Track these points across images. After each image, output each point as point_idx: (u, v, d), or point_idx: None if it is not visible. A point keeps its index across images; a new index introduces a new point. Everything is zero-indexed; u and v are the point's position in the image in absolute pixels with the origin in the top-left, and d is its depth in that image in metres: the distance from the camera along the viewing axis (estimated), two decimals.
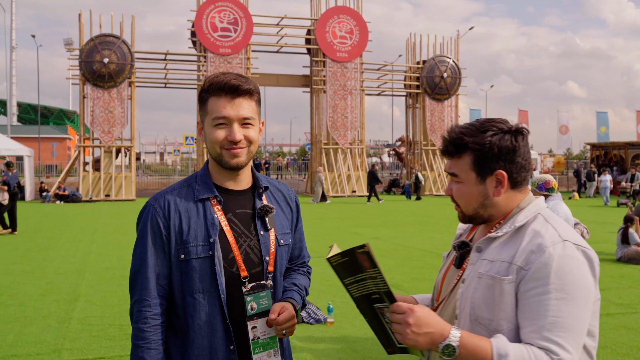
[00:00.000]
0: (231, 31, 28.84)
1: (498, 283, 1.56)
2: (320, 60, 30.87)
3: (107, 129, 27.33)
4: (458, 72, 33.47)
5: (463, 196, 1.70)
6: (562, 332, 1.47)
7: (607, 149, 36.39)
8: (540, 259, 1.52)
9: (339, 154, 31.15)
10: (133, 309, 1.89)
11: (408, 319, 1.50)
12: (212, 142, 1.91)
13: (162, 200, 1.93)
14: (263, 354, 1.92)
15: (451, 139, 1.69)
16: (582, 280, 1.52)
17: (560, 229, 1.59)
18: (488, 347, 1.48)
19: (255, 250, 1.95)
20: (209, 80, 1.91)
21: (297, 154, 79.26)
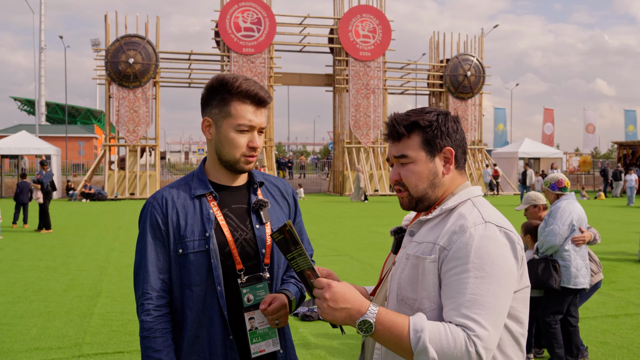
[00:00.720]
0: (254, 31, 29.00)
1: (421, 262, 1.60)
2: (343, 59, 30.88)
3: (132, 128, 27.70)
4: (482, 71, 33.21)
5: (413, 176, 1.70)
6: (480, 310, 1.48)
7: (635, 148, 35.76)
8: (461, 239, 1.55)
9: (361, 153, 31.13)
10: (137, 302, 1.97)
11: (325, 293, 1.53)
12: (234, 147, 1.96)
13: (160, 197, 2.00)
14: (261, 344, 1.97)
15: (400, 120, 1.71)
16: (502, 260, 1.54)
17: (485, 212, 1.61)
18: (405, 323, 1.49)
19: (251, 244, 2.01)
20: (235, 84, 1.94)
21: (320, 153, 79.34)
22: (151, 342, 1.90)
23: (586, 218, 4.95)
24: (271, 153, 30.49)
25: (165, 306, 1.95)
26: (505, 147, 38.43)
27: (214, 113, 2.00)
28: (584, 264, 4.85)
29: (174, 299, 1.97)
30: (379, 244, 12.24)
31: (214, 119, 2.00)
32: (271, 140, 30.45)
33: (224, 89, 1.96)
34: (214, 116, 2.00)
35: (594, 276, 5.16)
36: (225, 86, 1.95)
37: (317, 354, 5.37)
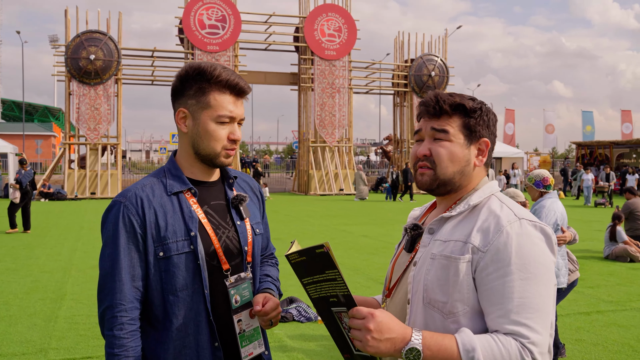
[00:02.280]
0: (219, 28, 28.68)
1: (453, 263, 1.49)
2: (309, 58, 30.79)
3: (93, 126, 27.08)
4: (446, 71, 33.54)
5: (447, 155, 1.59)
6: (530, 313, 1.41)
7: (593, 148, 36.66)
8: (498, 240, 1.46)
9: (326, 152, 31.09)
10: (105, 315, 1.74)
11: (369, 324, 1.40)
12: (214, 139, 1.82)
13: (133, 196, 1.80)
14: (249, 347, 1.87)
15: (446, 99, 1.62)
16: (543, 257, 1.47)
17: (515, 209, 1.54)
18: (453, 344, 1.40)
19: (234, 241, 1.89)
20: (215, 73, 1.81)
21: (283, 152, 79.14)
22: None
23: (567, 217, 4.96)
24: (235, 152, 30.16)
25: (138, 319, 1.77)
26: None
27: (190, 104, 1.84)
28: (564, 263, 4.86)
29: (155, 306, 1.79)
30: (348, 243, 12.18)
31: (190, 110, 1.84)
32: None
33: (202, 78, 1.81)
34: (191, 107, 1.84)
35: (571, 274, 5.18)
36: (204, 75, 1.81)
37: (294, 356, 5.25)
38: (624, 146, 36.12)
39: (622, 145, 36.16)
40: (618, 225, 10.45)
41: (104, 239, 1.81)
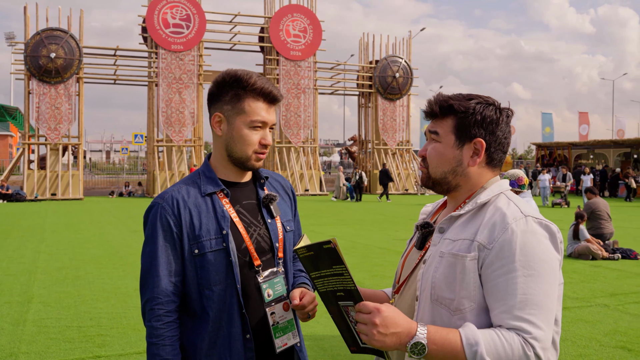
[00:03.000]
0: (183, 27, 28.43)
1: (460, 260, 1.53)
2: (274, 58, 30.76)
3: (53, 126, 26.52)
4: (410, 72, 33.90)
5: (437, 156, 1.66)
6: (533, 310, 1.44)
7: (552, 149, 37.53)
8: (503, 236, 1.49)
9: (292, 152, 31.09)
10: (145, 307, 1.89)
11: (375, 319, 1.44)
12: (247, 144, 1.93)
13: (170, 198, 1.93)
14: (283, 337, 1.96)
15: (437, 100, 1.68)
16: (547, 254, 1.50)
17: (522, 206, 1.57)
18: (457, 339, 1.43)
19: (265, 238, 1.99)
20: (250, 81, 1.90)
21: None
22: (160, 349, 1.85)
23: None
24: (200, 152, 29.97)
25: (175, 311, 1.90)
26: None
27: (225, 109, 1.94)
28: None
29: (192, 300, 1.91)
30: None
31: (225, 115, 1.95)
32: (200, 140, 29.92)
33: (238, 85, 1.91)
34: (226, 112, 1.94)
35: None
36: (240, 82, 1.91)
37: None
38: (581, 147, 37.08)
39: (580, 147, 37.11)
40: (581, 224, 10.73)
41: (145, 238, 1.95)
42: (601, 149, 35.78)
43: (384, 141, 33.60)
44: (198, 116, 29.18)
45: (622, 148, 34.71)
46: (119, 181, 38.32)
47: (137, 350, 5.28)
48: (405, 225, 16.10)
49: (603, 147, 35.69)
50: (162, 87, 28.27)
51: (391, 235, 13.71)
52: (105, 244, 12.09)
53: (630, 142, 34.43)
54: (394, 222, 16.94)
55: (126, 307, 6.78)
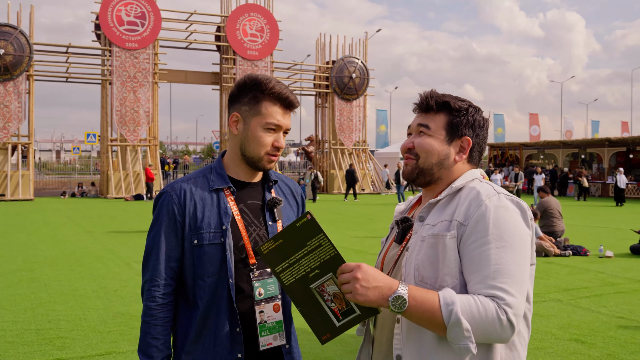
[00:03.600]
0: (138, 25, 27.98)
1: (440, 240, 1.61)
2: (231, 57, 30.58)
3: (2, 124, 25.74)
4: (366, 73, 34.18)
5: (428, 148, 1.74)
6: (506, 278, 1.52)
7: (504, 149, 38.42)
8: (478, 212, 1.59)
9: None
10: (144, 287, 2.00)
11: (357, 274, 1.52)
12: (260, 144, 2.00)
13: (178, 188, 2.02)
14: (269, 337, 2.00)
15: (434, 96, 1.77)
16: (518, 228, 1.59)
17: (494, 185, 1.69)
18: (435, 298, 1.51)
19: (263, 239, 2.04)
20: (269, 86, 1.98)
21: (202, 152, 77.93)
22: (151, 328, 1.94)
23: None
24: (155, 152, 29.56)
25: (170, 294, 1.98)
26: (387, 148, 39.87)
27: (243, 110, 2.03)
28: None
29: (187, 288, 2.00)
30: None
31: (242, 116, 2.03)
32: (155, 139, 29.52)
33: (257, 88, 2.00)
34: (244, 113, 2.03)
35: None
36: (259, 86, 2.00)
37: None
38: (532, 147, 38.07)
39: (530, 147, 38.09)
40: (534, 222, 11.04)
41: (152, 222, 2.04)
42: (551, 150, 36.82)
43: (341, 141, 33.80)
44: (153, 115, 28.77)
45: (570, 148, 35.79)
46: (70, 181, 37.41)
47: (99, 352, 5.21)
48: (362, 224, 16.25)
49: (553, 147, 36.74)
50: (116, 85, 27.76)
51: (349, 234, 13.82)
52: (60, 245, 11.83)
53: (578, 143, 35.54)
54: (351, 222, 17.07)
55: (85, 309, 6.67)
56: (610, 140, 32.82)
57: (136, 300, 7.13)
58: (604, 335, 5.73)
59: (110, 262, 9.90)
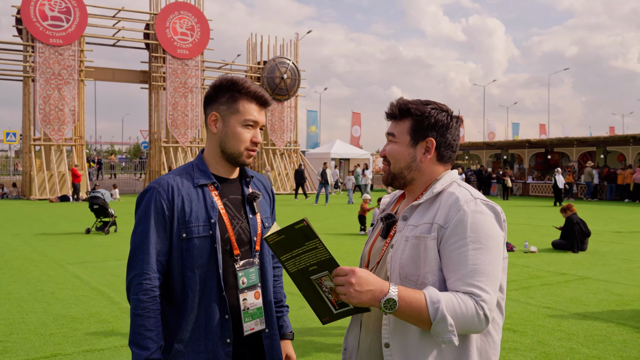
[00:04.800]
0: (63, 21, 27.06)
1: (422, 241, 1.76)
2: (160, 56, 30.06)
3: None
4: (297, 74, 34.39)
5: (395, 154, 1.91)
6: (482, 277, 1.69)
7: None
8: (457, 216, 1.74)
9: (179, 152, 30.55)
10: (132, 282, 2.02)
11: (351, 279, 1.65)
12: (239, 140, 2.12)
13: (165, 184, 2.09)
14: (251, 323, 2.12)
15: (398, 104, 1.92)
16: (493, 231, 1.75)
17: (472, 191, 1.83)
18: (422, 297, 1.66)
19: (245, 231, 2.16)
20: (245, 85, 2.11)
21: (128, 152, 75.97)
22: (144, 320, 1.99)
23: None
24: (82, 152, 28.67)
25: (158, 287, 2.04)
26: (318, 148, 40.20)
27: (222, 109, 2.14)
28: None
29: (175, 280, 2.07)
30: None
31: (221, 114, 2.14)
32: (82, 139, 28.64)
33: (234, 88, 2.12)
34: (222, 112, 2.14)
35: None
36: (236, 86, 2.12)
37: None
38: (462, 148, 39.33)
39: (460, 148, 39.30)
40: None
41: (138, 218, 2.08)
42: (475, 150, 38.19)
43: (272, 141, 33.85)
44: (79, 114, 27.89)
45: (493, 149, 37.25)
46: None
47: (44, 355, 5.12)
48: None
49: (477, 148, 38.12)
50: (40, 82, 26.73)
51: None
52: None
53: (501, 144, 37.07)
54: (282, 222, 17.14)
55: (23, 313, 6.50)
56: (530, 142, 34.40)
57: (75, 302, 7.00)
58: (533, 324, 6.12)
59: (42, 264, 9.62)
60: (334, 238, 13.33)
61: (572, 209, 11.78)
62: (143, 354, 1.96)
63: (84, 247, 11.72)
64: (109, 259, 10.21)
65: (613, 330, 5.91)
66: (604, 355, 5.15)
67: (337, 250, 11.40)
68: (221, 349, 2.04)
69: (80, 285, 7.98)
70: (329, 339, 5.62)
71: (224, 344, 2.05)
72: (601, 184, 28.80)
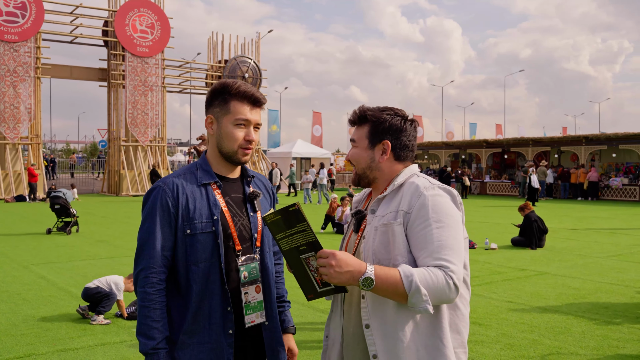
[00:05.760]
0: (18, 16, 26.44)
1: (390, 228, 1.96)
2: (119, 54, 29.64)
3: None
4: (259, 73, 34.36)
5: (357, 157, 2.13)
6: (447, 250, 1.87)
7: None
8: (419, 201, 1.94)
9: (139, 151, 30.18)
10: (140, 275, 2.13)
11: (331, 261, 1.83)
12: (232, 139, 2.22)
13: (171, 183, 2.19)
14: (252, 315, 2.24)
15: (359, 112, 2.14)
16: (451, 210, 1.95)
17: (430, 179, 2.04)
18: (397, 273, 1.84)
19: (246, 228, 2.27)
20: (235, 87, 2.21)
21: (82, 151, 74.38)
22: (151, 312, 2.09)
23: None
24: (38, 151, 28.04)
25: (164, 280, 2.15)
26: (279, 148, 40.22)
27: (215, 111, 2.25)
28: None
29: (179, 275, 2.16)
30: None
31: (215, 117, 2.25)
32: (38, 137, 28.02)
33: (225, 91, 2.23)
34: (216, 114, 2.25)
35: None
36: (226, 88, 2.23)
37: None
38: (417, 148, 39.88)
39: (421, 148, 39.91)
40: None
41: (144, 215, 2.19)
42: (434, 150, 38.80)
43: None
44: (36, 112, 27.26)
45: (452, 149, 37.91)
46: None
47: (17, 355, 5.10)
48: None
49: (436, 148, 38.74)
50: None
51: None
52: None
53: (459, 144, 37.75)
54: None
55: None
56: (487, 142, 35.15)
57: (44, 303, 6.95)
58: (497, 318, 6.37)
59: (5, 265, 9.47)
60: None
61: (529, 207, 12.18)
62: (150, 344, 2.06)
63: (47, 247, 11.55)
64: (75, 259, 10.12)
65: (572, 322, 6.20)
66: (565, 345, 5.42)
67: None
68: (224, 340, 2.14)
69: (47, 286, 7.91)
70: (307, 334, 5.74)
71: (226, 335, 2.15)
72: (555, 182, 29.64)
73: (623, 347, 5.35)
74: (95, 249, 11.41)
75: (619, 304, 7.00)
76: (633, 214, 20.02)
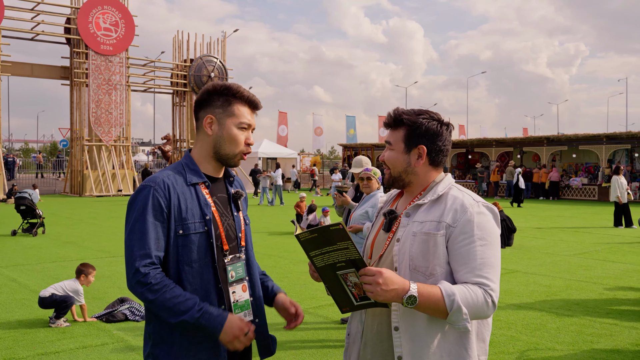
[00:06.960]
0: None
1: (432, 237, 1.98)
2: (83, 52, 29.12)
3: None
4: (225, 73, 34.15)
5: (392, 160, 2.14)
6: (489, 269, 1.94)
7: (357, 150, 40.28)
8: (464, 217, 1.97)
9: (102, 151, 29.69)
10: (137, 275, 2.02)
11: (378, 279, 1.85)
12: (235, 143, 2.23)
13: (162, 182, 2.14)
14: (241, 314, 2.24)
15: (394, 115, 2.15)
16: (494, 229, 2.01)
17: (473, 195, 2.07)
18: (438, 291, 1.88)
19: (232, 228, 2.28)
20: (239, 90, 2.23)
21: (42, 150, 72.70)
22: (167, 293, 2.02)
23: None
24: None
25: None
26: None
27: (217, 112, 2.24)
28: None
29: (170, 276, 2.11)
30: None
31: (217, 117, 2.24)
32: None
33: (228, 93, 2.24)
34: (218, 115, 2.24)
35: None
36: (230, 90, 2.24)
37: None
38: (383, 148, 40.27)
39: (381, 148, 40.26)
40: None
41: (134, 215, 2.10)
42: None
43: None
44: None
45: None
46: None
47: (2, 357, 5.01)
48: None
49: None
50: None
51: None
52: None
53: None
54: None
55: None
56: (452, 142, 35.64)
57: (18, 306, 6.81)
58: None
59: None
60: (272, 238, 13.46)
61: (498, 206, 12.43)
62: (193, 313, 2.01)
63: (13, 249, 11.30)
64: (44, 261, 9.92)
65: (547, 318, 6.38)
66: (542, 341, 5.57)
67: (278, 248, 11.54)
68: None
69: (19, 289, 7.75)
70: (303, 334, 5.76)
71: None
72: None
73: (597, 342, 5.53)
74: (64, 250, 11.21)
75: (589, 300, 7.22)
76: (593, 212, 20.60)
